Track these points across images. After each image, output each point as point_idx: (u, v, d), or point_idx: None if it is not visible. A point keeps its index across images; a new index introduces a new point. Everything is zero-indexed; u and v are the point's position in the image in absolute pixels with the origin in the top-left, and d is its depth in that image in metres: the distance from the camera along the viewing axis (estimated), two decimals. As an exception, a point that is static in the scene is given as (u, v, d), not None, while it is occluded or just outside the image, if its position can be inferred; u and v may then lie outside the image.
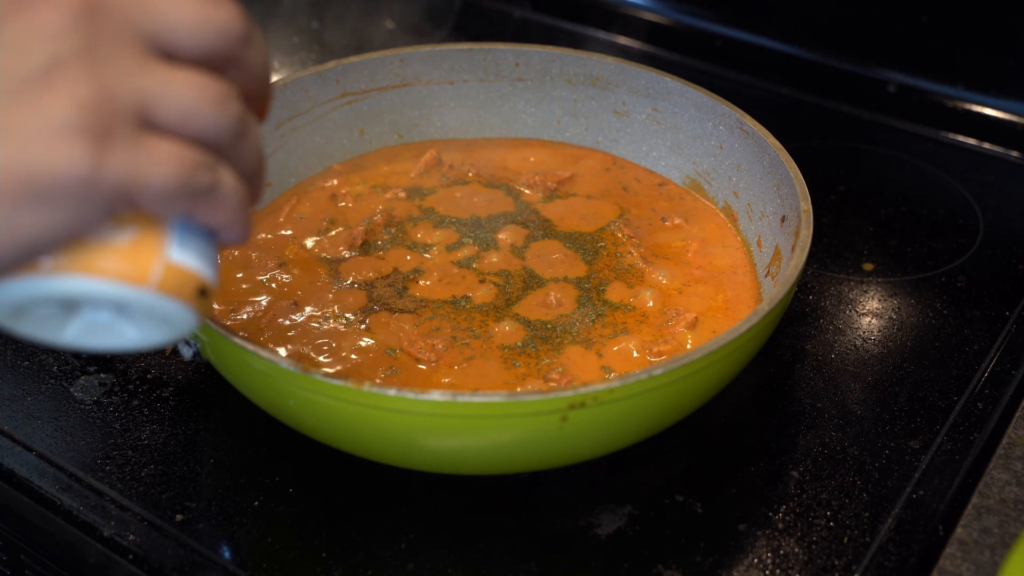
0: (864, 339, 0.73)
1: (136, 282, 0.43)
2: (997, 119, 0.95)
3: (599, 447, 0.60)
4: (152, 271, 0.43)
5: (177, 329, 0.46)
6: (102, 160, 0.39)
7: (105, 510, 0.61)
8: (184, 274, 0.44)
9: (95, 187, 0.39)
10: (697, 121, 0.79)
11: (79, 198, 0.39)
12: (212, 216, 0.44)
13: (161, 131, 0.41)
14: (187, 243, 0.45)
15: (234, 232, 0.45)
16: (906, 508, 0.61)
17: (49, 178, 0.38)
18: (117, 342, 0.46)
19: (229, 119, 0.42)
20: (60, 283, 0.42)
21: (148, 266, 0.43)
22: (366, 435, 0.58)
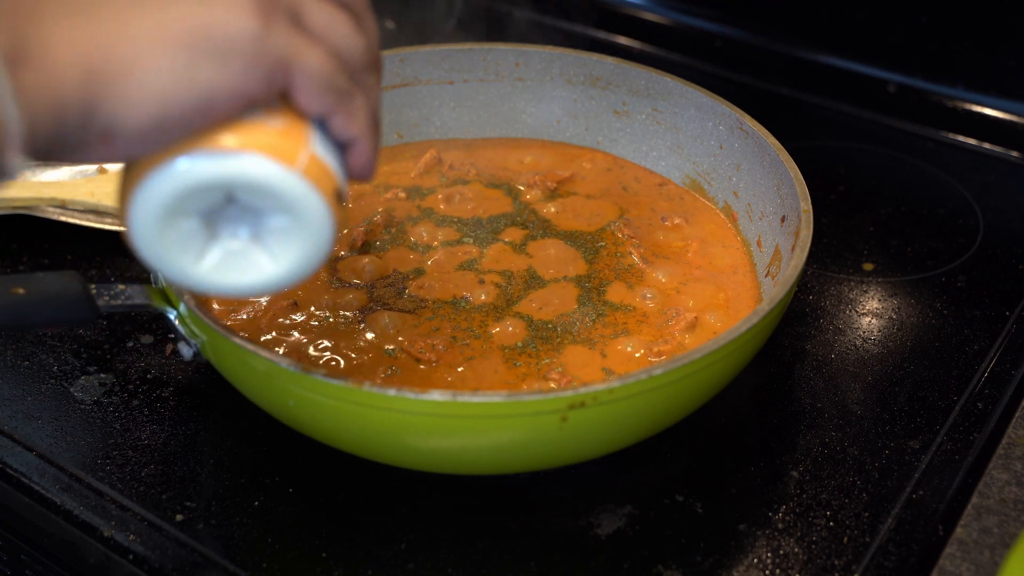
0: (864, 339, 0.73)
1: (286, 163, 0.45)
2: (997, 119, 0.95)
3: (599, 447, 0.60)
4: (300, 156, 0.46)
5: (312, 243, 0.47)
6: (269, 31, 0.43)
7: (105, 510, 0.61)
8: (325, 169, 0.47)
9: (262, 52, 0.43)
10: (697, 121, 0.79)
11: (248, 59, 0.43)
12: (347, 126, 0.48)
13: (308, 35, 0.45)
14: (326, 146, 0.48)
15: (363, 152, 0.49)
16: (906, 508, 0.61)
17: (225, 35, 0.42)
18: (251, 277, 0.48)
19: (361, 43, 0.48)
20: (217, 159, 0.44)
21: (297, 150, 0.46)
22: (366, 435, 0.58)
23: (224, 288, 0.48)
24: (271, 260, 0.48)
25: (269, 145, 0.45)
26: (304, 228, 0.47)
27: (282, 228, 0.47)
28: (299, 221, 0.47)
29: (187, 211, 0.46)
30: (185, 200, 0.45)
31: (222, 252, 0.48)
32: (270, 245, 0.48)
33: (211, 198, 0.46)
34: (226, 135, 0.44)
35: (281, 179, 0.45)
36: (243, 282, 0.48)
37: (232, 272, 0.48)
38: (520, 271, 0.72)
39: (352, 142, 0.49)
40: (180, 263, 0.47)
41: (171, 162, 0.44)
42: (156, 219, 0.45)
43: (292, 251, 0.48)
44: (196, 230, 0.47)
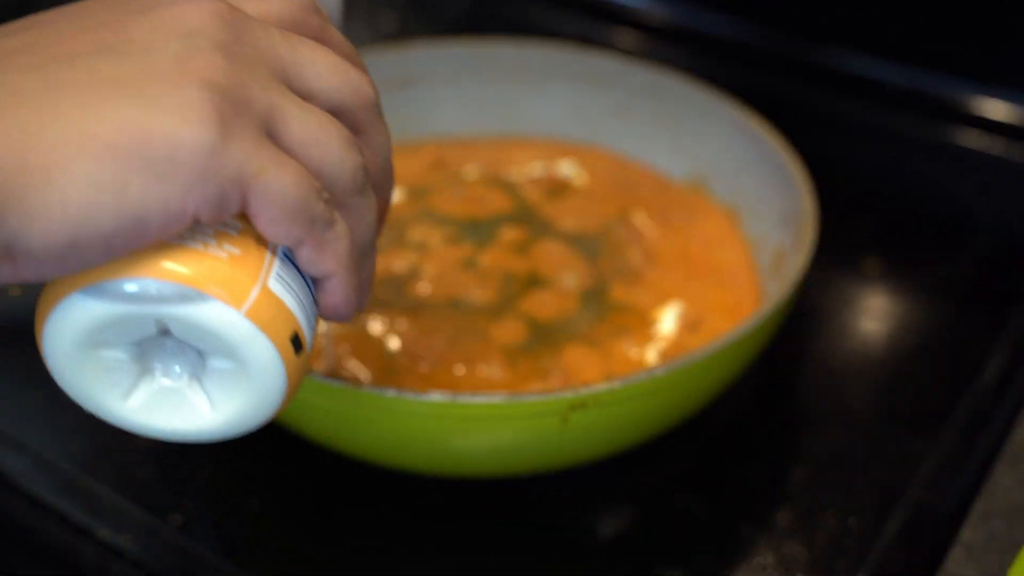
0: (867, 340, 0.73)
1: (230, 301, 0.38)
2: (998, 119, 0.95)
3: (600, 448, 0.60)
4: (249, 293, 0.39)
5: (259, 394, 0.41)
6: (226, 143, 0.36)
7: (101, 512, 0.60)
8: (281, 309, 0.40)
9: (213, 167, 0.36)
10: (699, 120, 0.78)
11: (195, 174, 0.36)
12: (317, 260, 0.41)
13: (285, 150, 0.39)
14: (287, 282, 0.40)
15: (337, 290, 0.42)
16: (910, 510, 0.60)
17: (168, 145, 0.36)
18: (186, 421, 0.41)
19: (352, 164, 0.40)
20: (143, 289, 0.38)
21: (246, 285, 0.39)
22: (365, 436, 0.58)
23: (154, 431, 0.42)
24: (209, 406, 0.41)
25: (211, 277, 0.38)
26: (250, 375, 0.40)
27: (225, 371, 0.40)
28: (244, 367, 0.40)
29: (111, 342, 0.39)
30: (107, 330, 0.39)
31: (152, 389, 0.41)
32: (210, 388, 0.41)
33: (141, 329, 0.39)
34: (159, 260, 0.37)
35: (221, 318, 0.38)
36: (176, 426, 0.41)
37: (164, 413, 0.41)
38: (520, 271, 0.72)
39: (324, 278, 0.42)
40: (103, 398, 0.41)
41: (88, 288, 0.37)
42: (73, 349, 0.39)
43: (235, 399, 0.41)
44: (123, 362, 0.40)
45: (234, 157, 0.37)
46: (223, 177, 0.37)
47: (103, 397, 0.41)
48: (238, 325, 0.38)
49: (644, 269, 0.72)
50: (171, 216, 0.36)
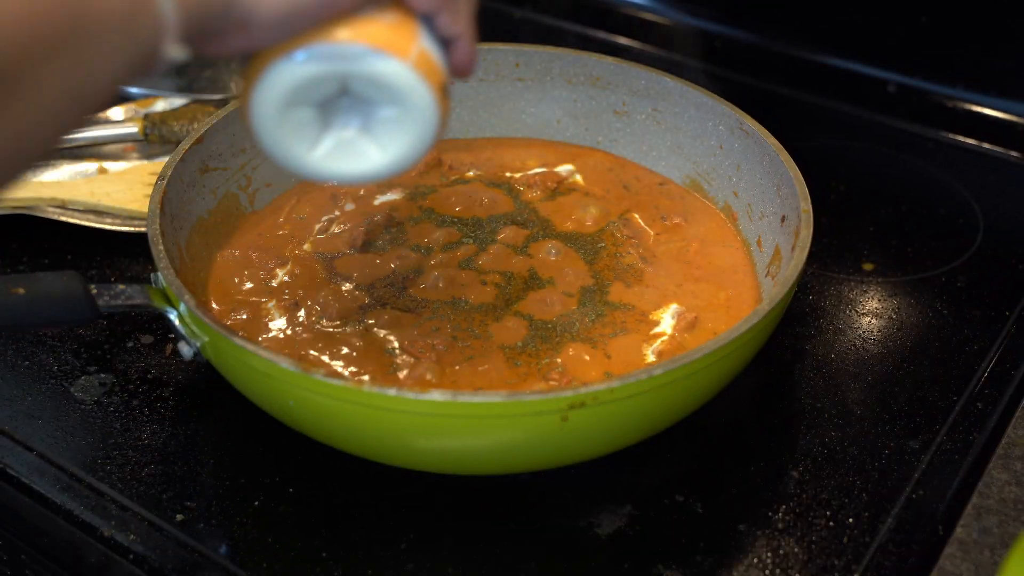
0: (864, 339, 0.73)
1: (399, 55, 0.49)
2: (997, 119, 0.95)
3: (599, 447, 0.60)
4: (411, 49, 0.50)
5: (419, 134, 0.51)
6: None
7: (105, 510, 0.61)
8: (432, 62, 0.51)
9: None
10: (697, 121, 0.79)
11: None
12: (452, 23, 0.52)
13: None
14: (432, 42, 0.51)
15: (465, 49, 0.53)
16: (906, 508, 0.61)
17: None
18: (359, 165, 0.52)
19: None
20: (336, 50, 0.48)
21: (408, 43, 0.50)
22: (366, 435, 0.58)
23: (334, 175, 0.52)
24: (379, 149, 0.52)
25: (384, 38, 0.49)
26: (412, 119, 0.51)
27: (391, 119, 0.51)
28: (408, 112, 0.50)
29: (304, 100, 0.50)
30: (304, 89, 0.49)
31: (334, 141, 0.52)
32: (379, 135, 0.52)
33: (327, 88, 0.50)
34: (344, 29, 0.48)
35: (394, 70, 0.49)
36: (352, 170, 0.52)
37: (342, 160, 0.52)
38: (520, 271, 0.72)
39: (455, 39, 0.52)
40: (295, 150, 0.51)
41: (295, 52, 0.48)
42: (277, 106, 0.50)
43: (399, 141, 0.51)
44: (311, 120, 0.51)
45: None
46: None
47: (295, 149, 0.52)
48: (406, 74, 0.49)
49: (643, 269, 0.72)
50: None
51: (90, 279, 0.61)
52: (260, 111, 0.50)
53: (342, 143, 0.52)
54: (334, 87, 0.50)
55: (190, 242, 0.69)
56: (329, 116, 0.52)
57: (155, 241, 0.63)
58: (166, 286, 0.61)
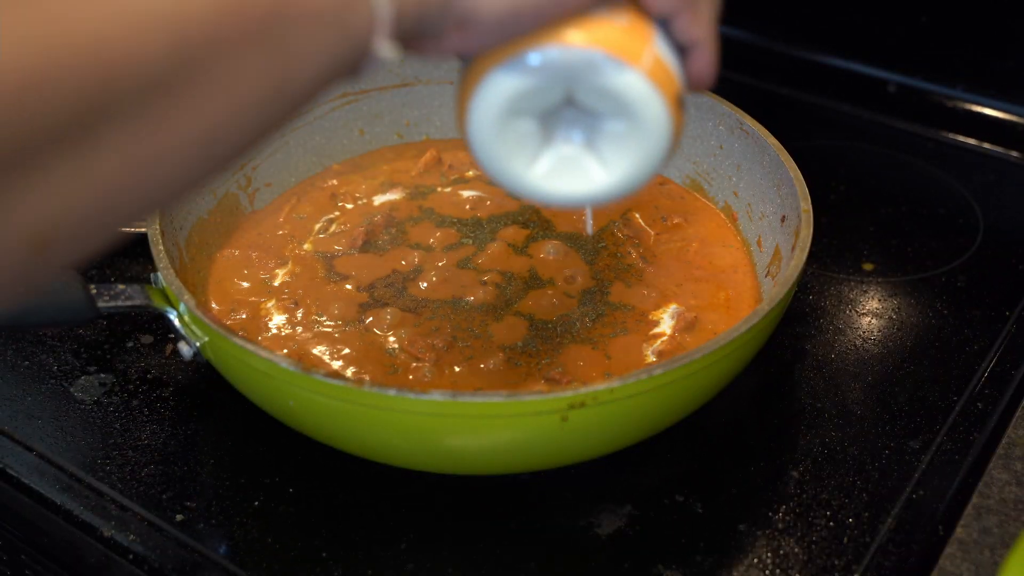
0: (864, 339, 0.73)
1: (631, 61, 0.44)
2: (997, 119, 0.95)
3: (599, 447, 0.60)
4: (644, 55, 0.44)
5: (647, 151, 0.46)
6: None
7: (105, 510, 0.61)
8: (667, 71, 0.45)
9: None
10: (697, 121, 0.79)
11: None
12: (691, 27, 0.46)
13: None
14: (667, 48, 0.46)
15: (705, 57, 0.47)
16: (906, 508, 0.61)
17: None
18: (581, 185, 0.47)
19: None
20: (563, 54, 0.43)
21: (641, 49, 0.44)
22: (366, 435, 0.58)
23: (553, 195, 0.48)
24: (603, 168, 0.47)
25: (614, 42, 0.44)
26: (641, 134, 0.46)
27: (618, 133, 0.46)
28: (637, 126, 0.45)
29: (527, 110, 0.46)
30: (527, 98, 0.45)
31: (555, 157, 0.47)
32: (603, 151, 0.47)
33: (551, 97, 0.45)
34: (572, 30, 0.43)
35: (624, 78, 0.44)
36: (573, 190, 0.48)
37: (563, 179, 0.48)
38: (520, 271, 0.72)
39: (694, 46, 0.47)
40: (514, 166, 0.47)
41: (519, 56, 0.44)
42: (498, 116, 0.45)
43: (626, 159, 0.47)
44: (532, 132, 0.46)
45: None
46: None
47: (514, 165, 0.47)
48: (638, 84, 0.44)
49: (643, 269, 0.72)
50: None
51: (90, 279, 0.61)
52: (479, 122, 0.45)
53: (563, 160, 0.47)
54: (559, 96, 0.45)
55: (190, 242, 0.69)
56: (551, 129, 0.47)
57: (155, 241, 0.63)
58: (166, 286, 0.61)
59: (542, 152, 0.47)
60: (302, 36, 0.37)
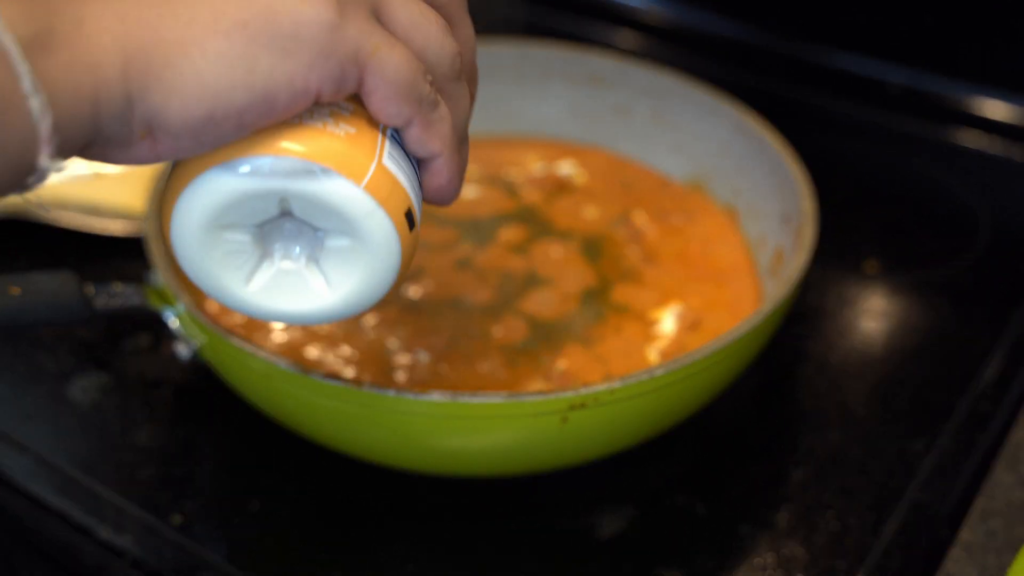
0: (866, 339, 0.73)
1: (349, 175, 0.40)
2: (998, 119, 0.95)
3: (600, 448, 0.60)
4: (367, 168, 0.41)
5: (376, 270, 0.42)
6: (344, 21, 0.39)
7: (102, 512, 0.60)
8: (395, 185, 0.42)
9: (333, 44, 0.39)
10: (698, 120, 0.78)
11: (317, 51, 0.38)
12: (425, 140, 0.43)
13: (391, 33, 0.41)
14: (399, 161, 0.42)
15: (442, 171, 0.44)
16: (910, 510, 0.60)
17: (293, 22, 0.38)
18: (305, 303, 0.43)
19: (450, 50, 0.43)
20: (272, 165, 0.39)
21: (364, 161, 0.41)
22: (365, 436, 0.58)
23: (275, 314, 0.44)
24: (327, 286, 0.43)
25: (332, 153, 0.40)
26: (367, 252, 0.42)
27: (342, 249, 0.42)
28: (361, 243, 0.42)
29: (236, 223, 0.41)
30: (234, 210, 0.41)
31: (273, 272, 0.43)
32: (328, 268, 0.43)
33: (264, 210, 0.41)
34: (284, 138, 0.40)
35: (342, 193, 0.40)
36: (296, 308, 0.44)
37: (284, 296, 0.43)
38: (520, 271, 0.72)
39: (430, 159, 0.44)
40: (226, 282, 0.43)
41: (220, 167, 0.40)
42: (201, 230, 0.41)
43: (352, 277, 0.43)
44: (245, 246, 0.42)
45: (352, 35, 0.39)
46: (343, 54, 0.39)
47: (226, 281, 0.43)
48: (359, 199, 0.40)
49: (644, 269, 0.72)
50: (297, 92, 0.38)
51: (87, 279, 0.61)
52: (181, 235, 0.41)
53: (283, 275, 0.43)
54: (273, 208, 0.41)
55: (188, 242, 0.69)
56: (268, 242, 0.43)
57: (152, 240, 0.62)
58: (163, 286, 0.60)
59: (259, 266, 0.43)
60: None
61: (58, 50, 0.35)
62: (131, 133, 0.38)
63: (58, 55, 0.35)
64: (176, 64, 0.37)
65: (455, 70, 0.43)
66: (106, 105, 0.36)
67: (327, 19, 0.38)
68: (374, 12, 0.41)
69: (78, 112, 0.35)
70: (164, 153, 0.39)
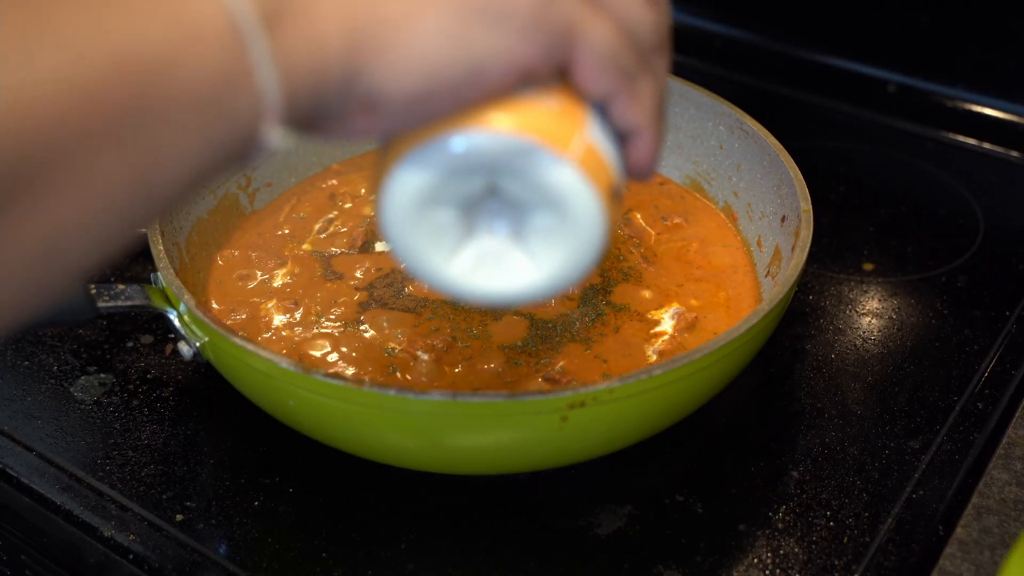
0: (864, 339, 0.73)
1: (559, 149, 0.40)
2: (997, 119, 0.95)
3: (599, 447, 0.60)
4: (575, 143, 0.40)
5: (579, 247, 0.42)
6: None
7: (105, 510, 0.61)
8: (601, 161, 0.41)
9: (543, 20, 0.38)
10: (697, 121, 0.79)
11: (527, 26, 0.38)
12: (630, 113, 0.42)
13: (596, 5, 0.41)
14: (604, 135, 0.42)
15: (646, 145, 0.43)
16: (906, 508, 0.60)
17: None
18: (507, 281, 0.43)
19: (654, 20, 0.42)
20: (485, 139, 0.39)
21: (572, 136, 0.40)
22: (366, 435, 0.58)
23: (476, 292, 0.43)
24: (531, 263, 0.43)
25: (542, 128, 0.40)
26: (572, 228, 0.41)
27: (547, 227, 0.42)
28: (567, 219, 0.41)
29: (445, 199, 0.41)
30: (445, 185, 0.41)
31: (477, 250, 0.43)
32: (531, 245, 0.43)
33: (472, 186, 0.41)
34: (495, 113, 0.39)
35: (552, 169, 0.40)
36: (498, 287, 0.43)
37: (486, 274, 0.43)
38: (520, 271, 0.72)
39: (633, 133, 0.43)
40: (432, 259, 0.43)
41: (435, 140, 0.39)
42: (413, 205, 0.41)
43: (555, 254, 0.42)
44: (452, 223, 0.42)
45: (560, 8, 0.39)
46: (552, 26, 0.39)
47: (433, 258, 0.43)
48: (567, 174, 0.40)
49: (643, 269, 0.72)
50: (509, 65, 0.38)
51: (89, 279, 0.61)
52: (393, 210, 0.41)
53: (487, 254, 0.43)
54: (481, 185, 0.41)
55: (190, 242, 0.69)
56: (473, 219, 0.43)
57: (155, 241, 0.62)
58: (166, 286, 0.61)
59: (463, 245, 0.43)
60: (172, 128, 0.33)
61: (289, 27, 0.35)
62: (351, 108, 0.38)
63: (289, 32, 0.35)
64: (396, 41, 0.37)
65: (656, 42, 0.43)
66: (330, 80, 0.36)
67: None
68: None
69: (304, 87, 0.36)
70: (382, 127, 0.39)
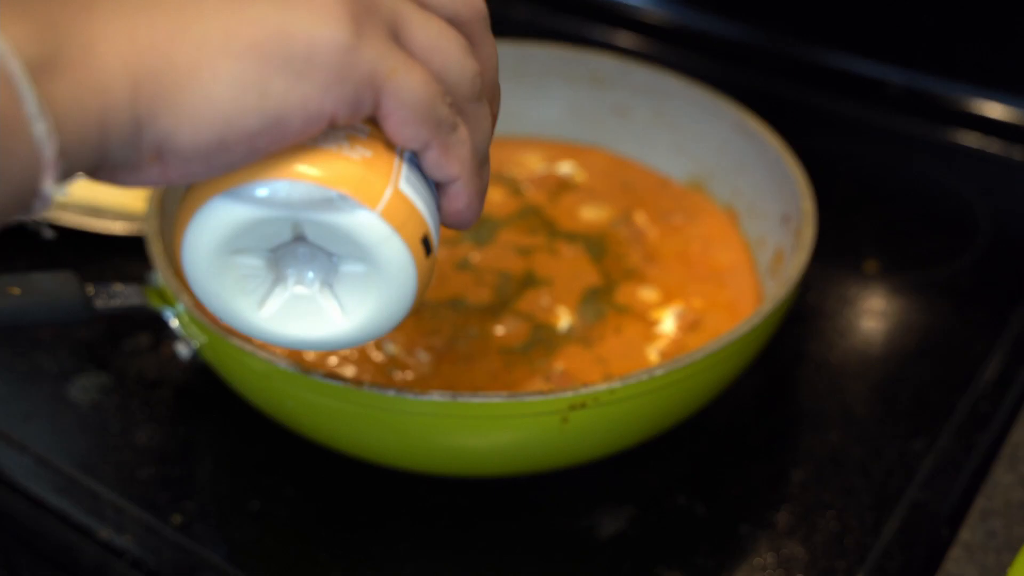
0: (866, 340, 0.73)
1: (364, 200, 0.39)
2: (998, 119, 0.95)
3: (600, 448, 0.60)
4: (382, 193, 0.39)
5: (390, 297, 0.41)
6: (360, 42, 0.37)
7: (102, 512, 0.60)
8: (412, 210, 0.40)
9: (349, 66, 0.37)
10: (698, 120, 0.78)
11: (332, 74, 0.37)
12: (443, 163, 0.41)
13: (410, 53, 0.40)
14: (416, 186, 0.41)
15: (461, 196, 0.42)
16: (910, 510, 0.60)
17: (307, 45, 0.36)
18: (317, 329, 0.42)
19: (471, 70, 0.41)
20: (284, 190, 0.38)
21: (379, 186, 0.39)
22: (365, 436, 0.58)
23: (287, 339, 0.43)
24: (341, 312, 0.42)
25: (346, 177, 0.39)
26: (381, 278, 0.41)
27: (356, 275, 0.41)
28: (376, 269, 0.40)
29: (249, 248, 0.40)
30: (246, 235, 0.40)
31: (287, 297, 0.42)
32: (341, 294, 0.42)
33: (277, 234, 0.40)
34: (297, 163, 0.38)
35: (357, 219, 0.39)
36: (309, 334, 0.43)
37: (297, 322, 0.42)
38: (520, 271, 0.72)
39: (448, 183, 0.42)
40: (238, 307, 0.42)
41: (231, 191, 0.38)
42: (213, 255, 0.40)
43: (366, 303, 0.42)
44: (258, 270, 0.41)
45: (367, 57, 0.37)
46: (358, 76, 0.37)
47: (238, 306, 0.42)
48: (374, 225, 0.39)
49: (644, 269, 0.72)
50: (311, 115, 0.37)
51: (87, 279, 0.60)
52: (192, 259, 0.40)
53: (296, 300, 0.42)
54: (286, 233, 0.40)
55: (188, 242, 0.69)
56: (282, 266, 0.42)
57: (153, 240, 0.62)
58: (163, 286, 0.60)
59: (272, 291, 0.42)
60: None
61: (65, 73, 0.33)
62: (140, 157, 0.36)
63: (65, 78, 0.33)
64: (186, 88, 0.35)
65: (475, 91, 0.42)
66: (114, 129, 0.35)
67: (343, 40, 0.36)
68: (392, 32, 0.39)
69: (85, 136, 0.34)
70: (174, 177, 0.37)
